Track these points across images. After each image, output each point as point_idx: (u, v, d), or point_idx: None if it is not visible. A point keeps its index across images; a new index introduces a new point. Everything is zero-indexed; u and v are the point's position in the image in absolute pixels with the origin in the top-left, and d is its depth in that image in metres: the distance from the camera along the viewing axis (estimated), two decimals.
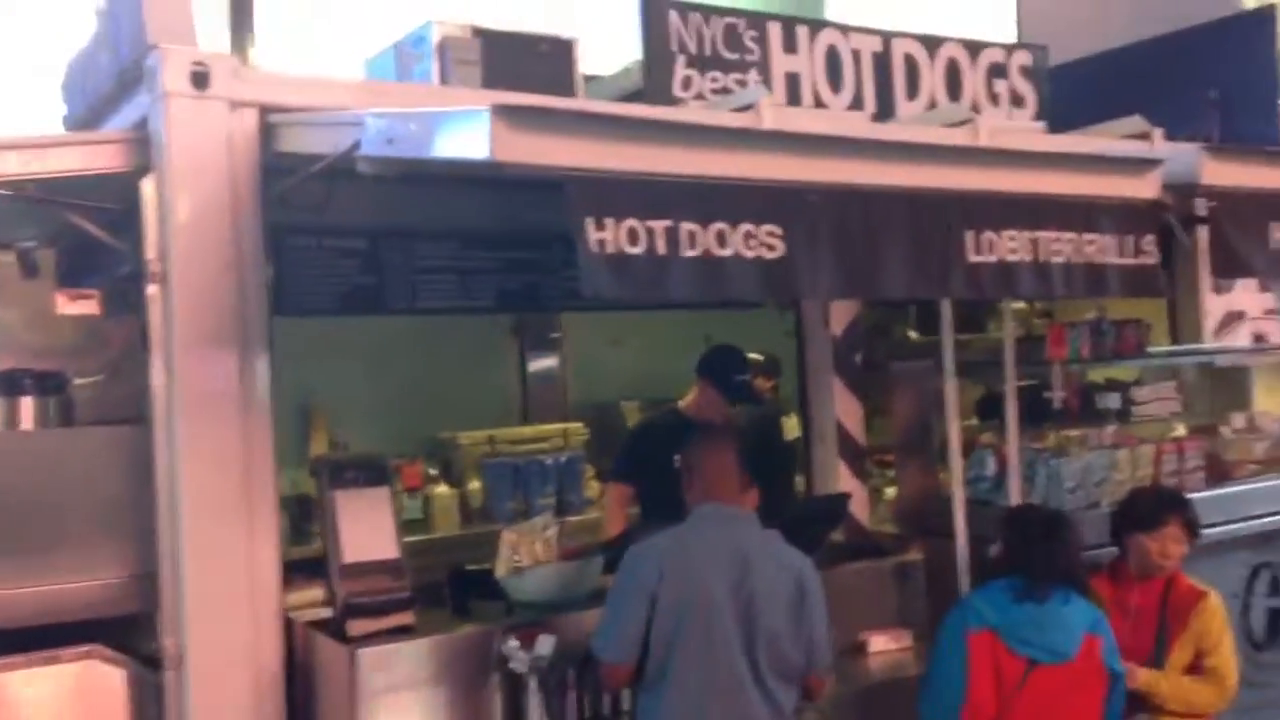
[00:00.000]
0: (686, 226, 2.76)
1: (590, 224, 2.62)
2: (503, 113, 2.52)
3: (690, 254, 2.77)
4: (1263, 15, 13.63)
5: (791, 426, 5.65)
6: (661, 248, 2.72)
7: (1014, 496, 4.70)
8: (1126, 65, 10.22)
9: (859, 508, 5.00)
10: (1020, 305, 5.84)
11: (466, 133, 2.57)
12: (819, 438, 5.12)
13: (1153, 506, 4.09)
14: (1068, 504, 4.71)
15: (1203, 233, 4.10)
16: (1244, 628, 5.14)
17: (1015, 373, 4.72)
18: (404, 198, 4.09)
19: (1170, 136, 6.05)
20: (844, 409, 5.07)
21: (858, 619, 4.26)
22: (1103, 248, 3.60)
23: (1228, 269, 4.09)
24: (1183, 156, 3.93)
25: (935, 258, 3.30)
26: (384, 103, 3.50)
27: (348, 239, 4.54)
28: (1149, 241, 3.72)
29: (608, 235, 2.64)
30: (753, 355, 5.37)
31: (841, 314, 5.10)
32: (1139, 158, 3.81)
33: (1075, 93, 8.59)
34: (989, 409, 5.32)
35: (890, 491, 5.58)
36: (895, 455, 5.51)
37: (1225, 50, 9.93)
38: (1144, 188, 3.74)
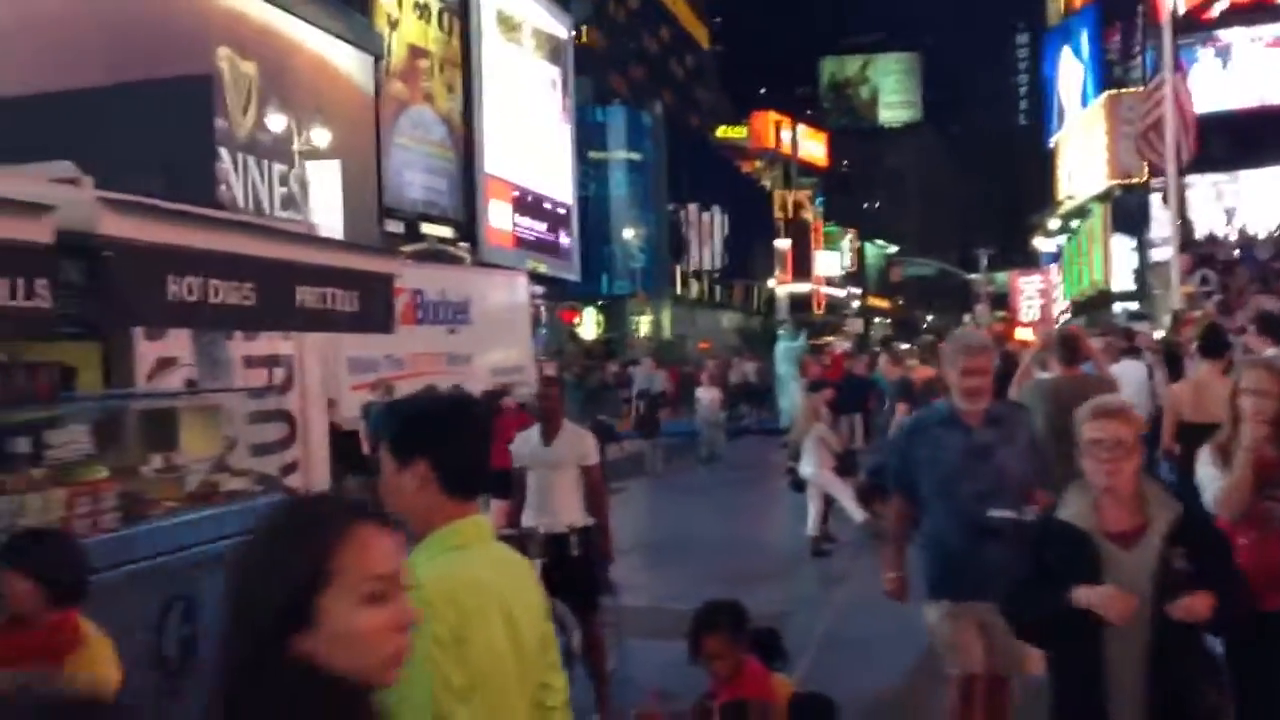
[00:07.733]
0: None
1: None
2: None
3: None
4: (203, 81, 14.59)
5: None
6: None
7: None
8: (77, 109, 10.24)
9: None
10: None
11: None
12: None
13: None
14: None
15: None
16: (158, 656, 5.39)
17: None
18: None
19: (105, 185, 6.14)
20: None
21: None
22: None
23: (120, 319, 4.31)
24: (81, 206, 4.06)
25: None
26: None
27: None
28: (43, 285, 3.79)
29: None
30: None
31: None
32: (32, 202, 3.85)
33: (21, 129, 8.39)
34: None
35: None
36: None
37: (169, 108, 10.45)
38: (37, 232, 3.80)
